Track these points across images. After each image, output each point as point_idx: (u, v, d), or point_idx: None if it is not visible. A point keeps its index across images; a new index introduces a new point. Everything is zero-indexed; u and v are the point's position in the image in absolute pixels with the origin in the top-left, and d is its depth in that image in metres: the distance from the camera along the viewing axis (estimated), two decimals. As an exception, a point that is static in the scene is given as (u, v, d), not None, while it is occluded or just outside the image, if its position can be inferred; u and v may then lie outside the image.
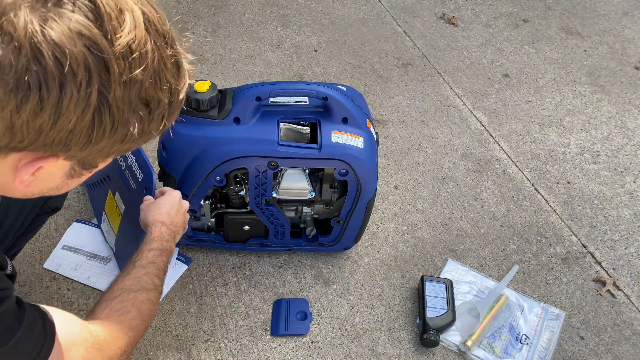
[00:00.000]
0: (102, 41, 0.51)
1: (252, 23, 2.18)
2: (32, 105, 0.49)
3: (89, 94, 0.51)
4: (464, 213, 1.56)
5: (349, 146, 1.13)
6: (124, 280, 0.93)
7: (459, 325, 1.28)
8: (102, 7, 0.51)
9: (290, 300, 1.31)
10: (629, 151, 1.80)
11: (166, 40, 0.57)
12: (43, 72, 0.49)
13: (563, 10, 2.41)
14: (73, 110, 0.51)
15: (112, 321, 0.85)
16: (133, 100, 0.55)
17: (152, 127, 0.59)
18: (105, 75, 0.51)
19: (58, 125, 0.52)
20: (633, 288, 1.42)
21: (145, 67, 0.53)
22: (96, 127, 0.54)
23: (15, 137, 0.52)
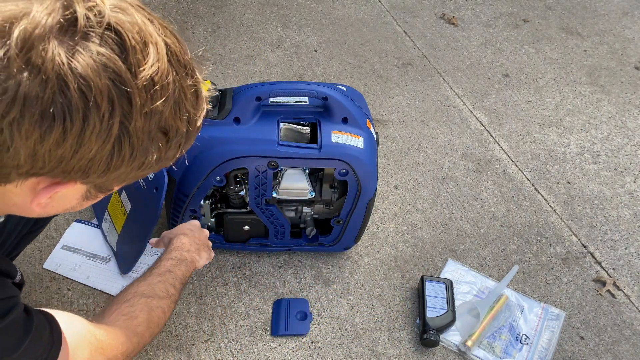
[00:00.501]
0: (126, 74, 0.52)
1: (252, 23, 2.18)
2: (56, 135, 0.50)
3: (111, 125, 0.52)
4: (464, 213, 1.56)
5: (349, 146, 1.13)
6: (139, 285, 0.94)
7: (459, 325, 1.28)
8: (127, 40, 0.52)
9: (290, 300, 1.31)
10: (629, 151, 1.80)
11: (187, 70, 0.58)
12: (68, 104, 0.50)
13: (563, 10, 2.41)
14: (95, 141, 0.52)
15: (117, 325, 0.86)
16: (153, 130, 0.56)
17: (169, 155, 0.60)
18: (127, 106, 0.52)
19: (79, 154, 0.53)
20: (633, 288, 1.42)
21: (166, 98, 0.55)
22: (115, 156, 0.55)
23: (37, 164, 0.53)
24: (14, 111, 0.48)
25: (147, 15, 0.56)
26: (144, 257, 1.35)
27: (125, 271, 1.32)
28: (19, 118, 0.49)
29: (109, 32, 0.52)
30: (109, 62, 0.51)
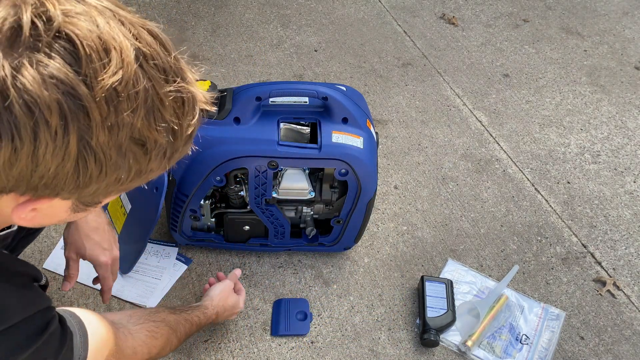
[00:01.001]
0: (80, 86, 0.47)
1: (252, 23, 2.18)
2: (7, 155, 0.47)
3: (67, 142, 0.48)
4: (464, 213, 1.56)
5: (349, 146, 1.13)
6: (169, 315, 1.00)
7: (459, 325, 1.28)
8: (80, 48, 0.47)
9: (290, 300, 1.31)
10: (629, 151, 1.80)
11: (167, 75, 0.53)
12: (15, 122, 0.46)
13: (563, 10, 2.41)
14: (51, 159, 0.48)
15: (138, 338, 0.90)
16: (123, 143, 0.51)
17: (151, 167, 0.55)
18: (85, 121, 0.48)
19: (38, 173, 0.49)
20: (633, 288, 1.42)
21: (134, 108, 0.50)
22: (82, 174, 0.51)
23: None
24: None
25: (115, 16, 0.51)
26: (144, 257, 1.35)
27: (125, 271, 1.32)
28: None
29: (60, 40, 0.47)
30: (58, 74, 0.47)
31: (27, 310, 0.63)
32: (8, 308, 0.61)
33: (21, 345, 0.61)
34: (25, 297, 0.64)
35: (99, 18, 0.49)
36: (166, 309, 1.02)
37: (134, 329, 0.90)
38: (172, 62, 0.54)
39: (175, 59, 0.54)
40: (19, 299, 0.63)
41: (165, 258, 1.37)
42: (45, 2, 0.47)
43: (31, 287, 0.67)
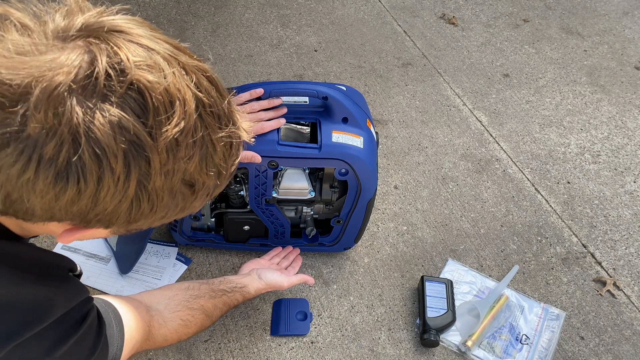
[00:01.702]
0: (146, 138, 0.50)
1: (252, 23, 2.18)
2: (70, 195, 0.50)
3: (127, 187, 0.51)
4: (464, 213, 1.56)
5: (349, 146, 1.13)
6: (208, 301, 1.02)
7: (459, 325, 1.28)
8: (149, 100, 0.50)
9: (290, 300, 1.31)
10: (629, 151, 1.80)
11: (220, 122, 0.56)
12: (82, 167, 0.49)
13: (563, 10, 2.41)
14: (110, 200, 0.52)
15: (171, 326, 0.92)
16: (175, 186, 0.54)
17: (195, 205, 0.59)
18: (145, 168, 0.51)
19: (95, 211, 0.53)
20: (633, 288, 1.42)
21: (191, 155, 0.53)
22: (134, 212, 0.54)
23: (55, 216, 0.54)
24: (29, 172, 0.49)
25: (179, 63, 0.53)
26: (143, 257, 1.35)
27: (125, 271, 1.32)
28: (34, 179, 0.49)
29: (131, 92, 0.50)
30: (127, 125, 0.49)
31: (69, 303, 0.65)
32: (55, 304, 0.63)
33: (62, 338, 0.63)
34: (66, 290, 0.66)
35: (166, 68, 0.51)
36: (207, 291, 1.02)
37: (169, 317, 0.92)
38: (226, 107, 0.56)
39: (228, 103, 0.57)
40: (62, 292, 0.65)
41: (165, 258, 1.37)
42: (119, 52, 0.50)
43: (70, 278, 0.69)
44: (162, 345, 0.94)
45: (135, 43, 0.51)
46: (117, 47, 0.50)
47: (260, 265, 1.23)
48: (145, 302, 0.90)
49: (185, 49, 0.56)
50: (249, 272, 1.19)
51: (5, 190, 0.51)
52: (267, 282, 1.17)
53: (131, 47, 0.51)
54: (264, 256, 1.30)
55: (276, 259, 1.30)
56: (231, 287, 1.09)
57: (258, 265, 1.23)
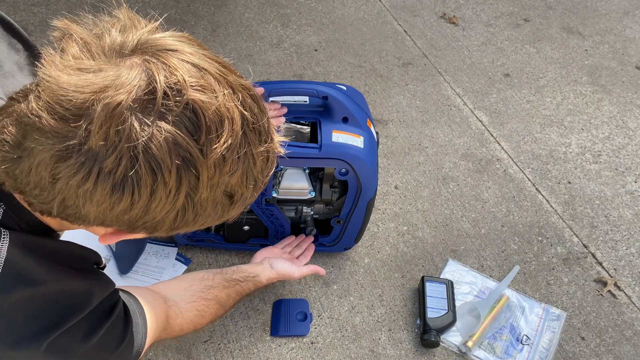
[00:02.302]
0: (197, 154, 0.54)
1: (252, 22, 2.17)
2: (124, 206, 0.54)
3: (177, 199, 0.55)
4: (464, 213, 1.55)
5: (350, 146, 1.13)
6: (222, 291, 1.03)
7: (460, 325, 1.28)
8: (202, 120, 0.53)
9: (290, 300, 1.30)
10: (630, 151, 1.79)
11: (261, 137, 0.59)
12: (138, 180, 0.52)
13: (564, 9, 2.40)
14: (159, 211, 0.55)
15: (187, 317, 0.95)
16: (217, 197, 0.58)
17: (231, 214, 0.62)
18: (194, 182, 0.55)
19: (143, 219, 0.56)
20: (634, 288, 1.42)
21: (235, 170, 0.56)
22: (179, 220, 0.58)
23: (105, 222, 0.58)
24: (88, 183, 0.52)
25: (229, 83, 0.56)
26: (143, 257, 1.35)
27: (124, 271, 1.31)
28: (92, 189, 0.53)
29: (186, 111, 0.53)
30: (181, 142, 0.53)
31: (102, 294, 0.69)
32: (92, 294, 0.67)
33: (95, 326, 0.67)
34: (99, 281, 0.71)
35: (217, 88, 0.55)
36: (221, 281, 1.04)
37: (185, 307, 0.95)
38: (266, 123, 0.59)
39: (267, 119, 0.60)
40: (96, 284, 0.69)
41: (164, 258, 1.37)
42: (175, 72, 0.53)
43: (97, 271, 0.73)
44: (178, 335, 0.96)
45: (189, 62, 0.54)
46: (173, 67, 0.53)
47: (272, 254, 1.24)
48: (162, 293, 0.93)
49: (231, 67, 0.59)
50: (261, 261, 1.19)
51: (62, 196, 0.54)
52: (279, 272, 1.17)
53: (185, 66, 0.54)
54: (277, 244, 1.30)
55: (288, 247, 1.30)
56: (244, 277, 1.11)
57: (271, 254, 1.24)
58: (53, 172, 0.53)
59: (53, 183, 0.53)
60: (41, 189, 0.55)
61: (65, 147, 0.51)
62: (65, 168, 0.52)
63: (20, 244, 0.61)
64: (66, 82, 0.51)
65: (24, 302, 0.61)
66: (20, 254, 0.61)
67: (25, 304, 0.61)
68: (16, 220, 0.63)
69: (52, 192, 0.54)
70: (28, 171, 0.54)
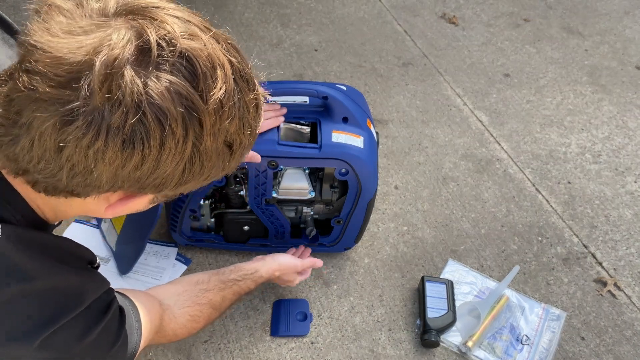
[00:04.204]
0: (198, 101, 0.55)
1: (252, 22, 2.17)
2: (136, 161, 0.54)
3: (185, 148, 0.56)
4: (464, 213, 1.55)
5: (350, 146, 1.13)
6: (217, 294, 1.02)
7: (460, 325, 1.28)
8: (198, 67, 0.54)
9: (290, 300, 1.30)
10: (630, 151, 1.79)
11: (249, 85, 0.61)
12: (146, 132, 0.53)
13: (564, 9, 2.40)
14: (170, 163, 0.56)
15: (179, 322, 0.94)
16: (220, 147, 0.59)
17: (231, 165, 0.64)
18: (199, 130, 0.56)
19: (155, 174, 0.57)
20: (634, 288, 1.42)
21: (232, 117, 0.58)
22: (186, 173, 0.59)
23: (116, 184, 0.58)
24: (99, 142, 0.52)
25: (213, 35, 0.58)
26: (143, 257, 1.35)
27: (124, 271, 1.31)
28: (103, 148, 0.53)
29: (181, 59, 0.54)
30: (182, 90, 0.53)
31: (96, 292, 0.69)
32: (87, 291, 0.68)
33: (90, 325, 0.67)
34: (94, 279, 0.71)
35: (204, 37, 0.56)
36: (217, 283, 1.03)
37: (179, 312, 0.94)
38: (249, 71, 0.61)
39: (250, 67, 0.62)
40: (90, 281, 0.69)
41: (164, 258, 1.37)
42: (163, 25, 0.54)
43: (91, 269, 0.73)
44: (172, 340, 0.96)
45: (173, 16, 0.56)
46: (161, 21, 0.54)
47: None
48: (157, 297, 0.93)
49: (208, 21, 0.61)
50: (263, 257, 1.18)
51: (71, 163, 0.54)
52: (280, 263, 1.15)
53: (171, 19, 0.55)
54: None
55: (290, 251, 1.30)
56: (242, 275, 1.09)
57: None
58: (59, 139, 0.52)
59: (59, 152, 0.53)
60: (46, 161, 0.54)
61: (69, 110, 0.51)
62: (73, 131, 0.52)
63: (15, 237, 0.61)
64: (58, 45, 0.51)
65: (16, 298, 0.61)
66: (13, 249, 0.60)
67: (17, 300, 0.61)
68: (11, 211, 0.63)
69: (59, 161, 0.54)
70: (30, 146, 0.54)
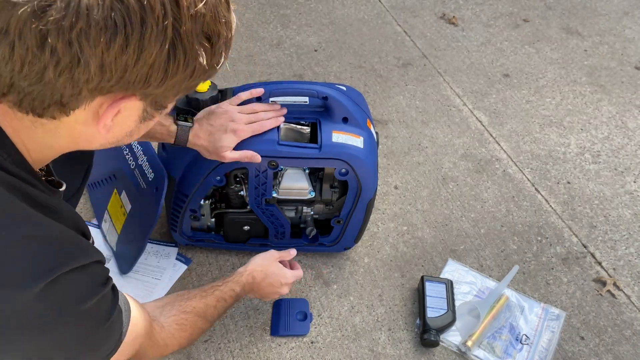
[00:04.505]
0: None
1: (252, 23, 2.18)
2: (120, 42, 0.54)
3: (166, 27, 0.56)
4: (464, 213, 1.56)
5: (349, 146, 1.13)
6: (199, 302, 1.01)
7: (459, 325, 1.28)
8: None
9: (290, 300, 1.31)
10: (630, 151, 1.79)
11: None
12: (126, 10, 0.53)
13: (563, 10, 2.41)
14: (153, 44, 0.56)
15: (167, 330, 0.93)
16: (199, 34, 0.59)
17: (214, 62, 0.63)
18: (176, 9, 0.56)
19: (141, 60, 0.56)
20: (633, 288, 1.42)
21: (206, 2, 0.58)
22: (171, 61, 0.58)
23: (105, 76, 0.57)
24: (81, 22, 0.52)
25: None
26: (143, 257, 1.35)
27: (125, 271, 1.32)
28: (86, 28, 0.53)
29: None
30: None
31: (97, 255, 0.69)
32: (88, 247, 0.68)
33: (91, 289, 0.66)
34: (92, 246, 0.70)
35: None
36: (198, 292, 1.03)
37: (166, 322, 0.93)
38: None
39: None
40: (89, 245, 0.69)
41: (164, 258, 1.37)
42: None
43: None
44: (164, 354, 0.93)
45: None
46: None
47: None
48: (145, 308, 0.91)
49: None
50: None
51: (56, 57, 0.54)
52: (254, 261, 1.14)
53: None
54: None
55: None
56: (222, 281, 1.09)
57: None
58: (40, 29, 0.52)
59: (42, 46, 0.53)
60: (30, 63, 0.54)
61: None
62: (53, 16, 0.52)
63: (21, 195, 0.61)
64: None
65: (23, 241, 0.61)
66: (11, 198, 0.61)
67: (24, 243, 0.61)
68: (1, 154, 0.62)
69: (43, 58, 0.54)
70: (11, 51, 0.53)
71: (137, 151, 1.28)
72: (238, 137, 1.08)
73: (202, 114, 1.11)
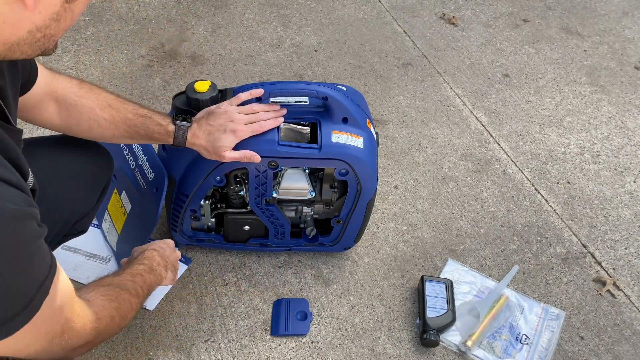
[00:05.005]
0: None
1: (252, 23, 2.18)
2: None
3: None
4: (464, 213, 1.56)
5: (349, 146, 1.13)
6: (112, 278, 0.96)
7: (459, 325, 1.28)
8: None
9: (290, 300, 1.31)
10: (629, 151, 1.80)
11: None
12: None
13: (563, 10, 2.41)
14: None
15: (96, 303, 0.86)
16: None
17: None
18: None
19: None
20: (633, 288, 1.42)
21: None
22: None
23: None
24: None
25: None
26: (144, 257, 1.35)
27: (125, 271, 1.31)
28: None
29: None
30: None
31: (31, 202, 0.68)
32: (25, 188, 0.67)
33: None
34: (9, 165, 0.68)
35: None
36: (107, 275, 0.98)
37: (90, 296, 0.87)
38: None
39: None
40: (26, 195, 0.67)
41: (165, 258, 1.37)
42: None
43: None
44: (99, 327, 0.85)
45: None
46: None
47: None
48: None
49: None
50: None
51: None
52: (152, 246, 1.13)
53: None
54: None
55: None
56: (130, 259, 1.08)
57: None
58: None
59: None
60: None
61: None
62: None
63: None
64: None
65: None
66: None
67: None
68: None
69: None
70: None
71: (137, 151, 1.28)
72: (237, 137, 1.08)
73: (201, 114, 1.11)
